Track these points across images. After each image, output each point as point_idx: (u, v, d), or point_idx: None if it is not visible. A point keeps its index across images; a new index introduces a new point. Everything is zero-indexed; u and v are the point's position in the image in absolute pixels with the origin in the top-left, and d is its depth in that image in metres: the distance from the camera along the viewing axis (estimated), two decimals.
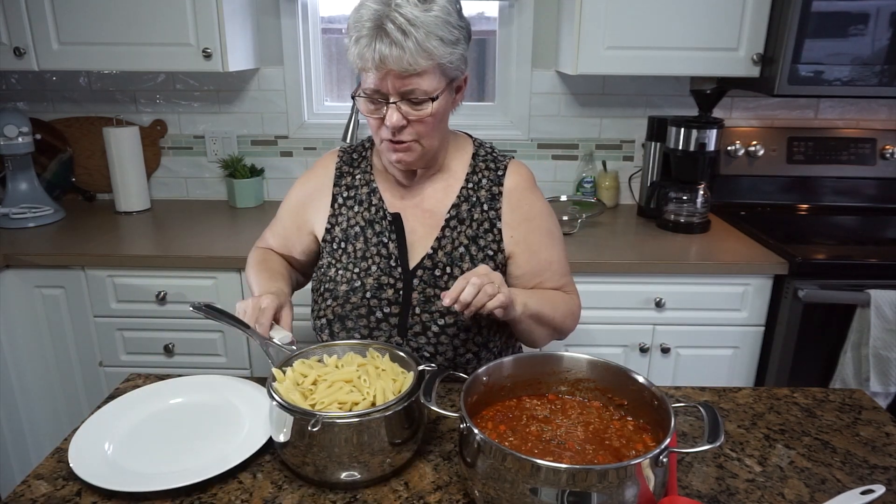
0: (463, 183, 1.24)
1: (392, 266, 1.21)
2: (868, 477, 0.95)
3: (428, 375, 0.92)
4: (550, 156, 2.43)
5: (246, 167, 2.38)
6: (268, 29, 2.30)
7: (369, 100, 1.10)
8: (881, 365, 1.80)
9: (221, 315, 1.14)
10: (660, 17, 1.94)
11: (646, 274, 1.87)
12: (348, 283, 1.22)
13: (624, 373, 0.95)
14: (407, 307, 1.20)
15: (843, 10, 1.84)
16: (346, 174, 1.29)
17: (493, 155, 1.28)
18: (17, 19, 1.94)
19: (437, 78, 1.08)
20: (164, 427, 1.04)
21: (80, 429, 1.01)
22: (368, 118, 1.13)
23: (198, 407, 1.09)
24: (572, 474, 0.74)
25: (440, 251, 1.21)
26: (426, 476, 0.93)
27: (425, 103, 1.09)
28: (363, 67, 1.06)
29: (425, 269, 1.21)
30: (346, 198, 1.27)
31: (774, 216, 2.26)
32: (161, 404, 1.10)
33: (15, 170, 2.18)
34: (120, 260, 1.88)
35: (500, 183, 1.24)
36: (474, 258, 1.21)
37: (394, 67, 1.03)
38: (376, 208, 1.24)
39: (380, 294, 1.20)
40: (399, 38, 1.02)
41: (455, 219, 1.22)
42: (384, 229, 1.23)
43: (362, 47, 1.04)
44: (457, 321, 1.19)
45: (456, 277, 1.20)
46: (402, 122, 1.09)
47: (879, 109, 2.37)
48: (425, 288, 1.20)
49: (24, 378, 1.99)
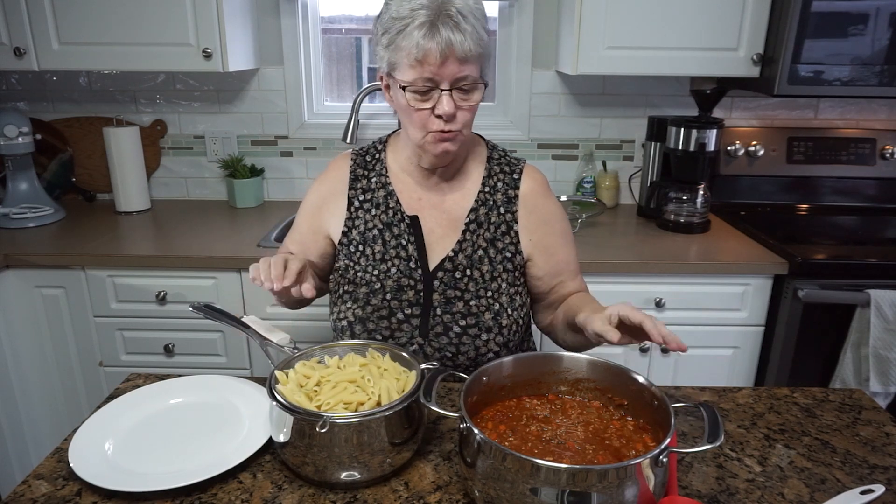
0: (480, 186, 1.25)
1: (412, 268, 1.22)
2: (868, 477, 0.95)
3: (428, 375, 0.92)
4: (550, 156, 2.43)
5: (246, 167, 2.38)
6: (268, 29, 2.30)
7: (419, 91, 1.09)
8: (881, 365, 1.80)
9: (221, 315, 1.14)
10: (660, 17, 1.94)
11: (646, 274, 1.87)
12: (368, 285, 1.23)
13: (624, 373, 0.95)
14: (428, 308, 1.21)
15: (843, 10, 1.84)
16: (361, 177, 1.28)
17: (506, 158, 1.29)
18: (17, 19, 1.94)
19: (479, 68, 1.11)
20: (164, 427, 1.04)
21: (81, 428, 1.01)
22: (413, 113, 1.11)
23: (198, 407, 1.09)
24: (572, 474, 0.74)
25: (461, 254, 1.22)
26: (426, 476, 0.93)
27: (474, 91, 1.11)
28: (421, 58, 1.05)
29: (445, 272, 1.22)
30: (362, 201, 1.27)
31: (774, 216, 2.26)
32: (161, 404, 1.10)
33: (15, 170, 2.18)
34: (120, 260, 1.88)
35: (517, 187, 1.26)
36: (493, 261, 1.23)
37: (457, 53, 1.05)
38: (394, 211, 1.25)
39: (400, 296, 1.21)
40: (461, 23, 1.05)
41: (474, 222, 1.23)
42: (403, 231, 1.23)
43: (420, 37, 1.04)
44: (478, 322, 1.20)
45: (475, 280, 1.21)
46: (454, 109, 1.10)
47: (879, 109, 2.37)
48: (446, 290, 1.21)
49: (24, 378, 1.99)
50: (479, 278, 1.22)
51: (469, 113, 1.13)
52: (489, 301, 1.21)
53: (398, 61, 1.09)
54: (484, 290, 1.22)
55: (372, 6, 2.40)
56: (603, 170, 2.40)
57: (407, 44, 1.06)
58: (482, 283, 1.22)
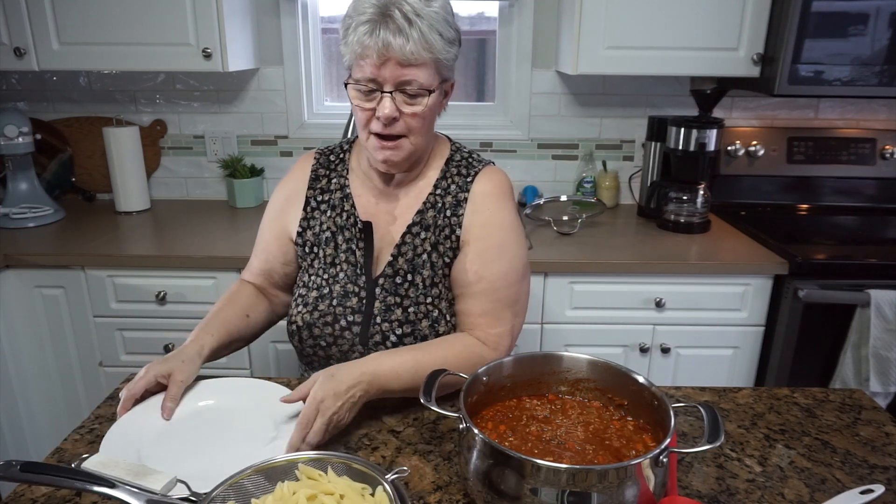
0: (431, 189, 1.20)
1: (357, 274, 1.20)
2: (868, 477, 0.95)
3: (428, 375, 0.91)
4: (550, 156, 2.43)
5: (246, 167, 2.38)
6: (268, 29, 2.30)
7: (362, 89, 1.08)
8: (881, 365, 1.80)
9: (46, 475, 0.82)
10: (660, 17, 1.94)
11: (646, 274, 1.87)
12: (318, 289, 1.20)
13: (624, 373, 0.95)
14: (369, 316, 1.18)
15: (843, 10, 1.84)
16: (322, 177, 1.26)
17: (468, 160, 1.23)
18: (17, 19, 1.94)
19: (432, 73, 1.07)
20: (191, 430, 1.01)
21: (112, 430, 0.99)
22: (358, 111, 1.11)
23: (227, 411, 1.06)
24: (572, 474, 0.74)
25: (401, 258, 1.18)
26: (426, 476, 0.93)
27: (420, 97, 1.07)
28: (362, 55, 1.05)
29: (387, 277, 1.18)
30: (319, 202, 1.24)
31: (774, 216, 2.26)
32: (190, 406, 1.07)
33: (15, 170, 2.18)
34: (120, 260, 1.88)
35: (467, 189, 1.19)
36: (434, 265, 1.18)
37: (396, 55, 1.03)
38: (348, 214, 1.22)
39: (345, 302, 1.18)
40: (405, 27, 1.02)
41: (418, 225, 1.19)
42: (353, 236, 1.20)
43: (362, 34, 1.03)
44: (414, 330, 1.17)
45: (416, 285, 1.18)
46: (395, 112, 1.07)
47: (879, 109, 2.37)
48: (386, 296, 1.18)
49: (24, 378, 1.99)
50: (419, 283, 1.18)
51: (415, 120, 1.09)
52: (428, 308, 1.17)
53: (348, 57, 1.09)
54: (423, 296, 1.18)
55: None
56: (603, 170, 2.40)
57: (351, 39, 1.06)
58: (422, 289, 1.18)
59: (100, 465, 0.86)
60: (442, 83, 1.12)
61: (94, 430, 1.04)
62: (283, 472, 0.81)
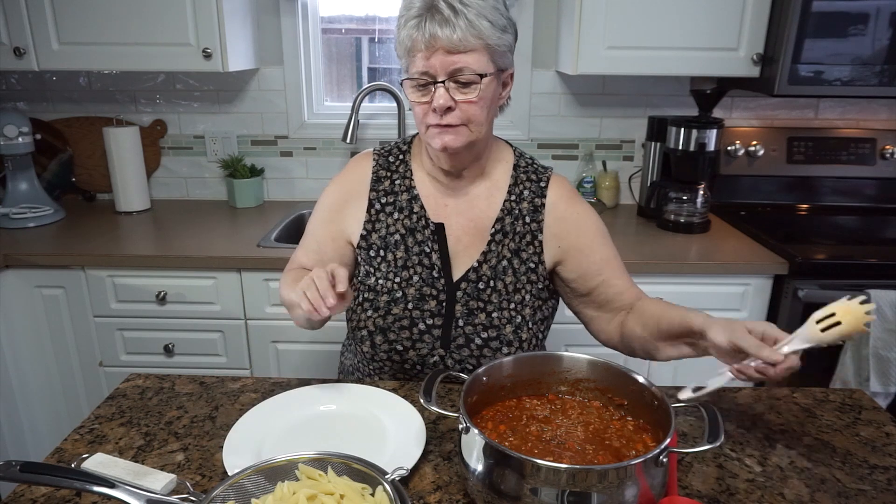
0: (506, 195, 1.21)
1: (435, 277, 1.19)
2: (868, 477, 0.95)
3: (428, 376, 0.92)
4: (550, 156, 2.43)
5: (246, 167, 2.38)
6: (268, 29, 2.30)
7: (417, 83, 1.08)
8: (881, 365, 1.80)
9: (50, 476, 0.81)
10: (660, 17, 1.94)
11: (646, 274, 1.87)
12: (389, 293, 1.19)
13: (624, 373, 0.95)
14: (450, 319, 1.18)
15: (843, 10, 1.84)
16: (384, 178, 1.23)
17: (533, 166, 1.25)
18: (17, 19, 1.94)
19: (485, 60, 1.07)
20: (312, 432, 1.01)
21: (236, 425, 0.99)
22: (415, 105, 1.10)
23: (347, 416, 1.06)
24: (572, 474, 0.74)
25: (485, 265, 1.19)
26: (426, 476, 0.93)
27: (473, 84, 1.06)
28: (412, 49, 1.06)
29: (469, 282, 1.19)
30: (384, 203, 1.22)
31: (774, 216, 2.26)
32: (312, 410, 1.07)
33: (15, 170, 2.18)
34: (120, 260, 1.88)
35: (543, 195, 1.21)
36: (517, 272, 1.19)
37: (444, 44, 1.03)
38: (418, 216, 1.20)
39: (422, 305, 1.18)
40: (450, 16, 1.02)
41: (500, 232, 1.20)
42: (426, 238, 1.20)
43: (411, 28, 1.04)
44: (500, 335, 1.18)
45: (499, 291, 1.18)
46: (449, 102, 1.06)
47: (879, 109, 2.37)
48: (469, 300, 1.18)
49: (24, 378, 1.99)
50: (502, 290, 1.18)
51: (471, 108, 1.08)
52: (511, 314, 1.18)
53: (400, 55, 1.10)
54: (507, 301, 1.19)
55: (372, 6, 2.40)
56: (603, 170, 2.40)
57: (402, 35, 1.07)
58: (505, 295, 1.19)
59: (99, 465, 0.87)
60: (498, 72, 1.11)
61: (94, 430, 1.04)
62: (284, 472, 0.81)
